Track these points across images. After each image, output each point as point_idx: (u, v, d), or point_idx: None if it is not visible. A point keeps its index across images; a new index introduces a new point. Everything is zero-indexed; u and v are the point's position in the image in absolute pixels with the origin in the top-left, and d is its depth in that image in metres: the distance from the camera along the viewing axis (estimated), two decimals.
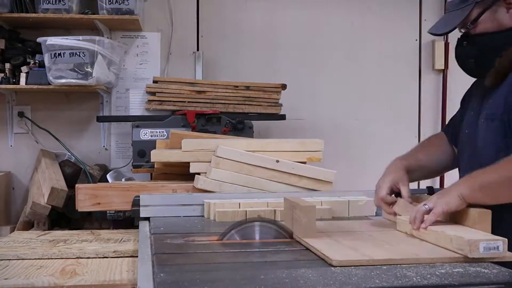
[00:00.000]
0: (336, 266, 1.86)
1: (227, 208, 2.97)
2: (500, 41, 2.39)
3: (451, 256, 1.95)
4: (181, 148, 3.49)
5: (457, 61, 2.62)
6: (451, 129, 2.90)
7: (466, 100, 2.85)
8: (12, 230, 4.12)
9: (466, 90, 2.86)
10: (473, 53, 2.48)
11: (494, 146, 2.35)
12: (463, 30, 2.51)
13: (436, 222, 2.20)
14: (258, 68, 5.06)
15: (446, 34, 2.55)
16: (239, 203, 3.00)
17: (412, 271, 1.79)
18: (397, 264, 1.87)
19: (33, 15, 4.44)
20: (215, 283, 1.68)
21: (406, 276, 1.74)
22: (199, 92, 4.58)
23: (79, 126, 4.93)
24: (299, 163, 3.47)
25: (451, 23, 2.46)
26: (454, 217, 2.26)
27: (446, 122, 5.07)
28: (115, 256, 2.77)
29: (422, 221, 2.20)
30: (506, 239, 1.99)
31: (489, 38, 2.42)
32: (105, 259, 2.73)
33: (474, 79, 2.74)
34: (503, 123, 2.35)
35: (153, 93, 4.64)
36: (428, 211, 2.20)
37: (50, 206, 3.88)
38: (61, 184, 4.09)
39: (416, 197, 2.64)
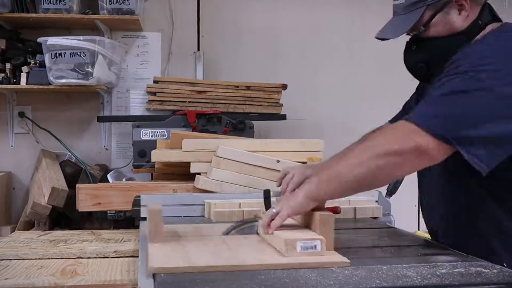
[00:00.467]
0: (153, 273, 1.80)
1: (226, 208, 2.97)
2: (451, 44, 2.31)
3: (287, 263, 1.86)
4: (181, 148, 3.49)
5: (406, 65, 2.54)
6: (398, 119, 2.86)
7: (409, 104, 2.83)
8: (13, 230, 4.12)
9: None
10: (424, 57, 2.40)
11: None
12: (411, 34, 2.44)
13: (286, 227, 2.09)
14: (259, 68, 5.06)
15: (395, 38, 2.44)
16: (240, 203, 2.99)
17: (413, 271, 1.79)
18: (219, 272, 1.80)
19: (34, 15, 4.44)
20: (216, 283, 1.68)
21: (406, 276, 1.74)
22: (199, 92, 4.58)
23: (79, 126, 4.93)
24: (300, 163, 3.47)
25: (402, 27, 2.38)
26: (306, 221, 2.16)
27: None
28: (116, 256, 2.77)
29: (268, 225, 2.09)
30: (324, 238, 1.94)
31: (441, 42, 2.34)
32: (105, 259, 2.74)
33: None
34: None
35: (154, 93, 4.64)
36: (276, 214, 2.08)
37: (50, 206, 3.88)
38: (62, 184, 4.09)
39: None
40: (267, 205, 2.41)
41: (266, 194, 2.45)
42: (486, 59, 2.09)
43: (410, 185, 2.82)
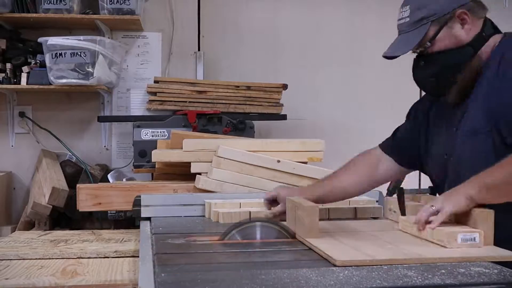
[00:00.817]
0: (339, 266, 1.86)
1: (227, 208, 2.97)
2: (459, 56, 2.40)
3: (453, 256, 1.95)
4: (182, 148, 3.49)
5: (416, 81, 2.60)
6: (392, 144, 2.92)
7: (413, 114, 2.86)
8: (13, 230, 4.12)
9: None
10: (433, 71, 2.46)
11: (484, 161, 2.30)
12: (418, 51, 2.49)
13: (441, 223, 2.18)
14: (259, 68, 5.06)
15: (403, 54, 2.50)
16: (240, 203, 3.00)
17: (413, 271, 1.79)
18: (399, 264, 1.87)
19: (34, 15, 4.44)
20: (216, 283, 1.68)
21: (407, 276, 1.74)
22: (200, 92, 4.58)
23: (80, 126, 4.93)
24: (300, 163, 3.47)
25: (409, 44, 2.44)
26: (458, 218, 2.26)
27: None
28: (116, 256, 2.77)
29: (427, 222, 2.18)
30: (482, 231, 2.07)
31: (449, 55, 2.41)
32: (106, 259, 2.74)
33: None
34: (489, 136, 2.32)
35: (154, 93, 4.64)
36: (435, 213, 2.17)
37: (51, 206, 3.89)
38: (62, 184, 4.09)
39: (417, 196, 2.63)
40: (402, 206, 2.51)
41: (400, 194, 2.54)
42: None
43: (410, 185, 2.82)
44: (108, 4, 4.47)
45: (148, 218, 3.06)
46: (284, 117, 4.66)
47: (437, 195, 2.57)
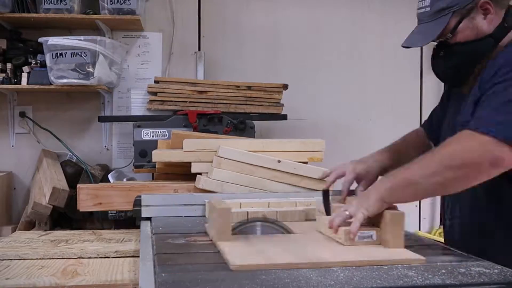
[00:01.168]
0: (234, 271, 1.83)
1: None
2: (480, 48, 2.36)
3: (355, 260, 1.91)
4: (182, 148, 3.49)
5: (435, 71, 2.56)
6: (429, 125, 2.89)
7: (444, 94, 2.84)
8: (14, 230, 4.12)
9: None
10: (453, 62, 2.43)
11: None
12: (437, 41, 2.46)
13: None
14: (260, 68, 5.06)
15: (423, 45, 2.47)
16: (240, 203, 2.99)
17: (414, 271, 1.79)
18: (296, 268, 1.83)
19: (35, 15, 4.44)
20: (217, 283, 1.68)
21: (408, 276, 1.74)
22: (200, 92, 4.58)
23: (80, 126, 4.93)
24: (301, 163, 3.47)
25: (430, 35, 2.41)
26: (372, 220, 2.21)
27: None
28: (117, 256, 2.77)
29: (339, 226, 2.15)
30: (379, 228, 2.10)
31: (470, 46, 2.37)
32: (106, 259, 2.74)
33: None
34: None
35: (155, 93, 4.64)
36: (348, 217, 2.15)
37: (51, 206, 3.89)
38: (63, 184, 4.09)
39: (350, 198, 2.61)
40: (327, 206, 2.50)
41: (326, 195, 2.53)
42: None
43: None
44: (108, 4, 4.47)
45: (149, 218, 3.05)
46: (284, 117, 4.65)
47: None
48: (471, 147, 2.06)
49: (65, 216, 4.17)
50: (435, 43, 2.50)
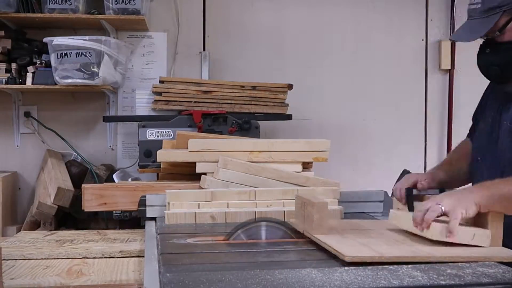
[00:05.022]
0: (348, 262, 1.86)
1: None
2: None
3: (462, 255, 1.95)
4: (187, 148, 3.49)
5: (480, 68, 2.58)
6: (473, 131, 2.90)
7: (477, 115, 2.85)
8: (19, 230, 4.12)
9: (471, 90, 2.85)
10: (499, 60, 2.45)
11: None
12: (484, 38, 2.48)
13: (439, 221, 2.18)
14: (265, 68, 5.05)
15: (471, 41, 2.48)
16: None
17: (419, 271, 1.78)
18: (408, 262, 1.87)
19: (40, 15, 4.44)
20: (222, 283, 1.68)
21: (413, 276, 1.74)
22: (205, 92, 4.58)
23: (85, 126, 4.93)
24: (303, 173, 3.46)
25: (478, 31, 2.42)
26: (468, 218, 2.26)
27: (452, 123, 5.09)
28: (122, 256, 2.77)
29: (430, 221, 2.15)
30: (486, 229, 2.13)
31: None
32: (111, 259, 2.74)
33: (483, 83, 2.73)
34: None
35: (160, 93, 4.64)
36: (443, 213, 2.15)
37: (56, 206, 3.88)
38: (68, 184, 4.09)
39: (426, 197, 2.63)
40: (411, 203, 2.57)
41: (409, 192, 2.61)
42: None
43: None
44: (113, 4, 4.47)
45: (153, 218, 3.06)
46: (289, 117, 4.65)
47: None
48: None
49: (70, 216, 4.17)
50: (479, 40, 2.52)
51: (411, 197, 2.61)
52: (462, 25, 2.55)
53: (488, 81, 2.71)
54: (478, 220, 2.19)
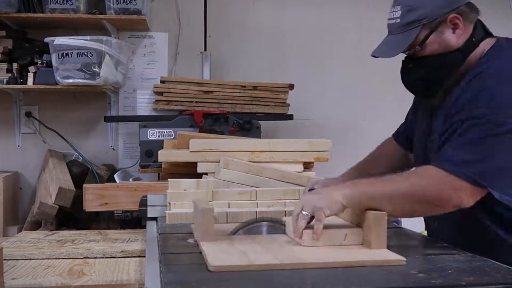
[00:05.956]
0: (213, 272, 1.81)
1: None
2: (448, 62, 2.35)
3: (339, 261, 1.88)
4: (188, 148, 3.49)
5: (404, 84, 2.57)
6: (404, 136, 2.90)
7: (409, 116, 2.88)
8: (20, 230, 4.12)
9: None
10: (421, 75, 2.43)
11: None
12: (407, 53, 2.46)
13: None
14: (266, 68, 5.06)
15: (391, 57, 2.47)
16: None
17: (420, 271, 1.78)
18: (275, 270, 1.81)
19: (41, 15, 4.45)
20: (223, 282, 1.68)
21: (413, 276, 1.74)
22: (206, 92, 4.58)
23: (86, 126, 4.93)
24: (304, 173, 3.45)
25: (398, 47, 2.41)
26: (352, 219, 2.23)
27: None
28: (123, 256, 2.77)
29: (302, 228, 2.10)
30: (360, 228, 2.12)
31: (437, 60, 2.36)
32: (112, 259, 2.74)
33: None
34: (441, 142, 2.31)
35: (161, 93, 4.64)
36: (311, 217, 2.10)
37: (57, 206, 3.89)
38: (69, 184, 4.09)
39: None
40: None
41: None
42: (498, 98, 2.14)
43: None
44: (114, 4, 4.48)
45: (155, 218, 3.05)
46: (290, 117, 4.65)
47: None
48: (436, 186, 2.09)
49: (71, 216, 4.17)
50: (405, 55, 2.50)
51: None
52: (382, 41, 2.55)
53: None
54: (362, 220, 2.13)
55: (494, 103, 2.12)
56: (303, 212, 2.11)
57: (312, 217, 2.10)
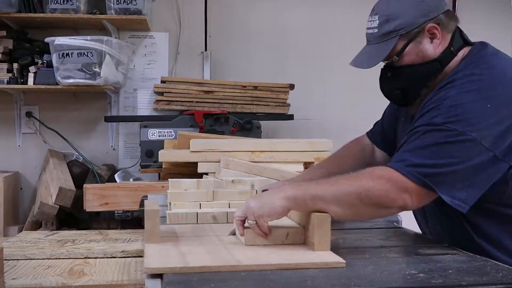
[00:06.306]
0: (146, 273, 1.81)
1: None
2: (425, 72, 2.35)
3: (278, 263, 1.87)
4: (189, 148, 3.49)
5: (383, 92, 2.58)
6: (380, 136, 2.93)
7: (386, 115, 2.90)
8: (20, 230, 4.13)
9: None
10: (399, 84, 2.44)
11: None
12: (385, 62, 2.45)
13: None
14: (266, 68, 5.06)
15: (369, 67, 2.46)
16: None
17: (420, 271, 1.78)
18: (212, 272, 1.81)
19: (41, 15, 4.45)
20: (224, 282, 1.68)
21: (413, 275, 1.74)
22: (207, 92, 4.58)
23: (87, 126, 4.93)
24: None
25: (376, 57, 2.41)
26: (298, 219, 2.22)
27: None
28: (123, 256, 2.78)
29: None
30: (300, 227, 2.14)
31: (415, 70, 2.36)
32: (113, 259, 2.74)
33: None
34: None
35: (161, 93, 4.64)
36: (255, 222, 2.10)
37: (58, 206, 3.89)
38: (69, 184, 4.09)
39: None
40: None
41: None
42: (459, 108, 2.13)
43: None
44: (115, 4, 4.47)
45: None
46: (291, 117, 4.65)
47: None
48: (386, 188, 2.06)
49: (71, 216, 4.18)
50: (383, 63, 2.50)
51: None
52: (361, 50, 2.53)
53: None
54: (307, 221, 2.11)
55: (455, 112, 2.11)
56: (249, 221, 2.09)
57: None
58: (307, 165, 3.53)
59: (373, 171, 2.14)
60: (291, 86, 4.67)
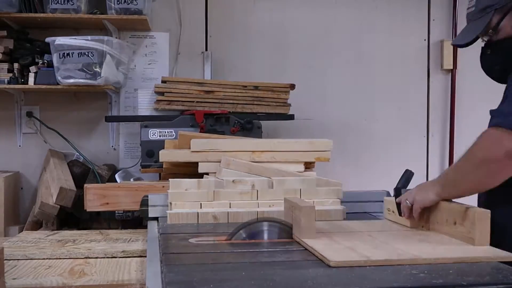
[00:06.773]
0: (333, 267, 1.85)
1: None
2: None
3: (448, 257, 1.94)
4: (189, 148, 3.49)
5: (484, 70, 2.60)
6: None
7: None
8: (21, 230, 4.13)
9: (473, 90, 2.86)
10: (498, 59, 2.47)
11: None
12: (485, 39, 2.49)
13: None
14: (267, 68, 5.06)
15: (469, 44, 2.50)
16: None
17: (421, 271, 1.78)
18: (394, 265, 1.86)
19: (42, 15, 4.45)
20: (224, 282, 1.68)
21: (414, 276, 1.74)
22: (207, 92, 4.58)
23: (87, 126, 4.93)
24: (305, 173, 3.45)
25: (473, 33, 2.45)
26: (455, 219, 2.28)
27: (454, 123, 5.09)
28: (124, 256, 2.77)
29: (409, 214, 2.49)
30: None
31: (510, 43, 2.40)
32: (113, 259, 2.74)
33: (485, 83, 2.74)
34: None
35: (162, 93, 4.63)
36: (411, 206, 2.44)
37: (58, 206, 3.89)
38: (70, 184, 4.09)
39: None
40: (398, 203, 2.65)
41: (397, 192, 2.66)
42: None
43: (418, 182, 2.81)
44: (115, 4, 4.47)
45: (156, 218, 3.06)
46: (291, 117, 4.65)
47: None
48: (486, 143, 2.18)
49: (72, 216, 4.17)
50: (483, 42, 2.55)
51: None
52: (462, 30, 2.59)
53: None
54: (465, 218, 2.21)
55: None
56: (406, 202, 2.47)
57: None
58: (307, 165, 3.53)
59: (480, 135, 2.26)
60: (292, 86, 4.66)
